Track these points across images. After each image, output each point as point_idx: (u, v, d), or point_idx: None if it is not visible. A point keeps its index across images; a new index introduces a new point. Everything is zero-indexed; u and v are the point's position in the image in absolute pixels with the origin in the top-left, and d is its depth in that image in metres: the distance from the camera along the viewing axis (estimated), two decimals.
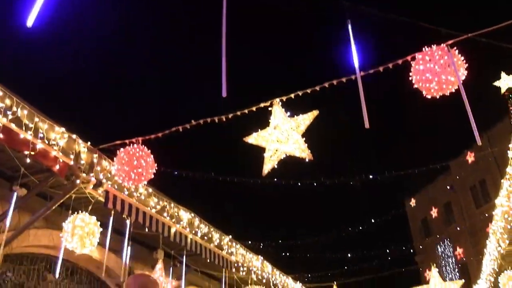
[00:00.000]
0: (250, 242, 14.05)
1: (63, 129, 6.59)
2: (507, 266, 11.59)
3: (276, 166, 6.31)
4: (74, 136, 6.82)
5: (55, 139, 6.49)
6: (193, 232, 9.37)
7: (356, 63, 4.93)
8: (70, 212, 7.46)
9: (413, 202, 28.23)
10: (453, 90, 5.11)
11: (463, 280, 14.59)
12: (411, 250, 32.43)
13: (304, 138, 6.23)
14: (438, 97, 5.18)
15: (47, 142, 6.38)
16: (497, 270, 12.18)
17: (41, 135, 6.31)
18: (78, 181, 6.88)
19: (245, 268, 11.56)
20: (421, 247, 32.17)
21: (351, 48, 4.82)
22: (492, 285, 13.15)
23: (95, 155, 7.10)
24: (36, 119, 6.25)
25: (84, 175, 7.02)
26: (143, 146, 6.40)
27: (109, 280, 10.22)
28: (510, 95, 23.20)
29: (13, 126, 6.00)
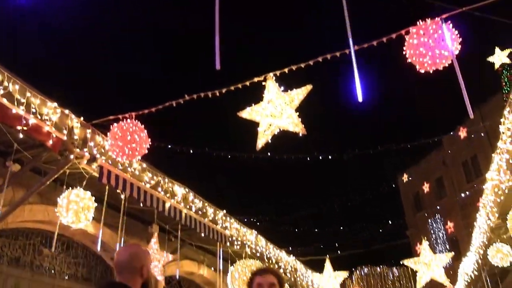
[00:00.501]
0: (243, 217, 14.22)
1: (55, 104, 6.55)
2: (496, 239, 11.83)
3: (270, 141, 6.33)
4: (66, 111, 6.78)
5: (47, 114, 6.46)
6: (188, 207, 9.45)
7: (350, 37, 4.90)
8: (65, 187, 7.48)
9: (405, 177, 28.57)
10: (447, 65, 5.12)
11: (452, 253, 14.90)
12: (403, 225, 32.97)
13: (297, 113, 6.24)
14: (431, 71, 5.20)
15: (39, 117, 6.35)
16: (486, 243, 12.44)
17: (33, 110, 6.28)
18: (72, 156, 6.88)
19: (239, 242, 11.72)
20: (412, 221, 32.67)
21: (345, 21, 4.79)
22: (481, 257, 13.44)
23: (89, 130, 7.09)
24: (28, 94, 6.21)
25: (77, 150, 7.02)
26: (137, 121, 6.39)
27: (104, 254, 10.33)
28: (504, 71, 23.25)
29: (4, 101, 5.96)
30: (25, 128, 6.11)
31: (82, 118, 7.07)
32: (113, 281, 2.51)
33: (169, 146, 9.77)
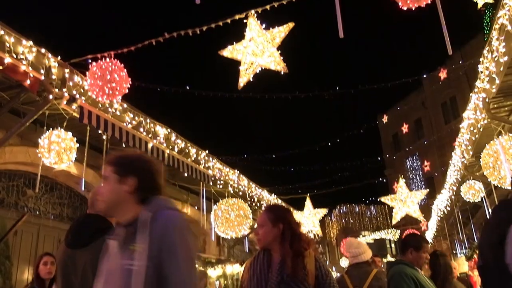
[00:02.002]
0: (226, 157, 14.39)
1: (30, 42, 6.35)
2: (469, 176, 12.28)
3: (251, 79, 6.32)
4: (43, 50, 6.58)
5: (23, 53, 6.27)
6: (170, 147, 9.50)
7: None
8: (45, 128, 7.42)
9: (385, 118, 28.92)
10: (429, 1, 5.09)
11: (427, 190, 15.48)
12: (382, 164, 33.82)
13: (279, 51, 6.20)
14: (413, 8, 5.16)
15: (15, 56, 6.16)
16: (460, 180, 12.92)
17: (7, 49, 6.08)
18: (51, 97, 6.75)
19: (222, 182, 11.94)
20: (391, 161, 33.53)
21: None
22: (454, 194, 14.00)
23: (67, 70, 6.93)
24: (1, 32, 5.99)
25: (56, 90, 6.89)
26: (116, 60, 6.26)
27: (88, 195, 10.46)
28: (486, 11, 23.07)
29: None
30: (0, 67, 5.95)
31: (59, 58, 6.89)
32: (88, 213, 2.59)
33: (150, 86, 9.66)
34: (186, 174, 10.28)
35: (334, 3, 4.74)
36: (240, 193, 13.03)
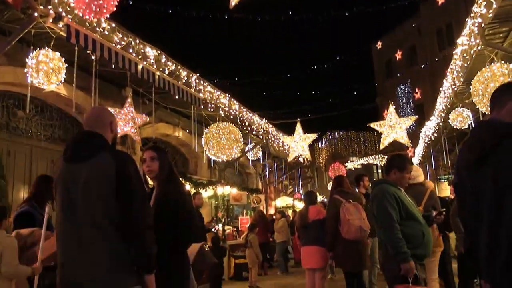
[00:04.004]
0: (217, 80, 14.29)
1: None
2: (458, 103, 12.41)
3: None
4: None
5: None
6: (161, 69, 9.39)
7: None
8: (32, 48, 7.25)
9: (379, 45, 28.53)
10: None
11: (416, 116, 15.65)
12: (373, 91, 33.83)
13: None
14: None
15: None
16: (449, 107, 13.07)
17: None
18: (36, 14, 6.54)
19: (213, 105, 11.95)
20: (382, 88, 33.52)
21: None
22: (443, 120, 14.22)
23: None
24: None
25: (41, 7, 6.66)
26: None
27: (80, 116, 10.45)
28: None
29: None
30: None
31: None
32: (87, 130, 2.60)
33: (139, 5, 9.33)
34: (177, 97, 10.25)
35: None
36: (231, 117, 13.11)
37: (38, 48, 7.05)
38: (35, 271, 3.60)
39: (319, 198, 23.55)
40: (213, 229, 9.40)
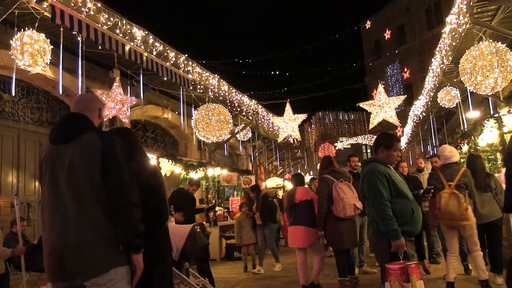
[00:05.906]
0: (206, 61, 14.15)
1: None
2: (447, 82, 12.44)
3: None
4: None
5: None
6: (148, 50, 9.27)
7: None
8: (16, 29, 7.10)
9: (368, 24, 28.38)
10: None
11: (405, 96, 15.69)
12: (362, 71, 33.83)
13: None
14: None
15: None
16: (437, 86, 13.10)
17: None
18: None
19: (202, 87, 11.86)
20: (371, 68, 33.51)
21: None
22: (431, 99, 14.27)
23: None
24: None
25: None
26: None
27: (67, 99, 10.34)
28: None
29: None
30: None
31: None
32: (73, 112, 2.60)
33: None
34: (165, 78, 10.15)
35: None
36: (221, 98, 13.03)
37: (22, 30, 6.91)
38: (16, 252, 3.71)
39: (311, 175, 23.72)
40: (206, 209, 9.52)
